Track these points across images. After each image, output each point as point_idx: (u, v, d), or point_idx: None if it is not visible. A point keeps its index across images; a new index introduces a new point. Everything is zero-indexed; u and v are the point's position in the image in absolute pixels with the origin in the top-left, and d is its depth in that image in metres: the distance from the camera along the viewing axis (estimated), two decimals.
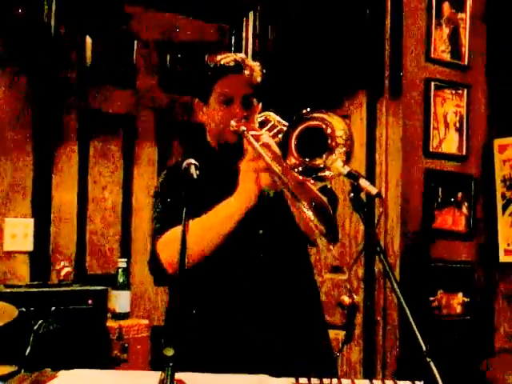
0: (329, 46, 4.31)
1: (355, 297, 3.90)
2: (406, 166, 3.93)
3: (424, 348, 1.47)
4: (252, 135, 2.08)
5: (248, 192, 2.02)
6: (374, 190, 1.63)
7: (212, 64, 2.31)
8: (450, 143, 4.11)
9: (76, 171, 4.01)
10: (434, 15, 4.07)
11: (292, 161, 1.87)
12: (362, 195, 1.69)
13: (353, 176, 1.68)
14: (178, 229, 2.01)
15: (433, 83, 4.03)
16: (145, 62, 4.32)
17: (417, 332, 1.49)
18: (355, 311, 3.96)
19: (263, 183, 2.00)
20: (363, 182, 1.65)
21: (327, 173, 1.84)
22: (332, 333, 4.08)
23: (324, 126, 1.86)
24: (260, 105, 2.32)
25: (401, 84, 3.96)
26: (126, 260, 3.75)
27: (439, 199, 4.03)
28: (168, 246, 2.09)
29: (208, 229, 2.05)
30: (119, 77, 4.20)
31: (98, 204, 4.11)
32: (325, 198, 2.03)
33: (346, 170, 1.71)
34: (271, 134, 2.15)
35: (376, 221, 1.83)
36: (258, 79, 2.30)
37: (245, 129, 2.13)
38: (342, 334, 4.10)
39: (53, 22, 3.77)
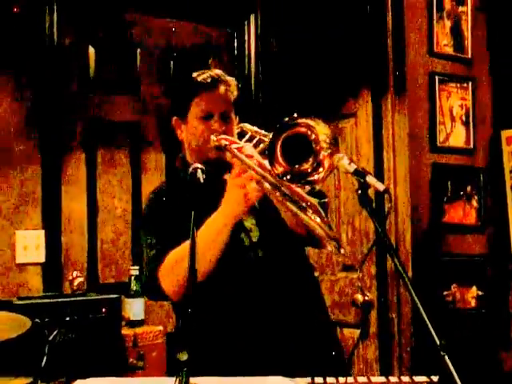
0: (331, 45, 4.31)
1: (368, 294, 3.89)
2: (413, 161, 3.92)
3: (438, 342, 1.47)
4: (235, 148, 2.11)
5: (236, 205, 2.05)
6: (381, 187, 1.63)
7: (189, 81, 2.33)
8: (457, 137, 4.09)
9: (84, 180, 4.01)
10: (435, 9, 4.05)
11: (279, 169, 1.90)
12: (371, 192, 1.68)
13: (359, 173, 1.68)
14: (178, 250, 2.07)
15: (437, 77, 4.02)
16: (148, 69, 4.32)
17: (431, 327, 1.49)
18: (369, 309, 3.95)
19: (253, 196, 2.03)
20: (370, 179, 1.65)
21: (316, 176, 1.87)
22: (347, 331, 4.12)
23: (308, 132, 1.89)
24: (237, 118, 2.35)
25: (405, 79, 3.95)
26: (138, 267, 3.75)
27: (448, 193, 4.02)
28: (171, 271, 2.09)
29: (205, 245, 2.01)
30: (123, 85, 4.20)
31: (107, 212, 4.11)
32: (315, 201, 2.05)
33: (352, 167, 1.71)
34: (251, 144, 2.17)
35: (385, 216, 1.83)
36: (235, 93, 2.33)
37: (227, 143, 2.15)
38: (356, 332, 4.10)
39: (55, 34, 3.79)
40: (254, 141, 2.21)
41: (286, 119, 1.91)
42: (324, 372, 1.73)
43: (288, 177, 1.90)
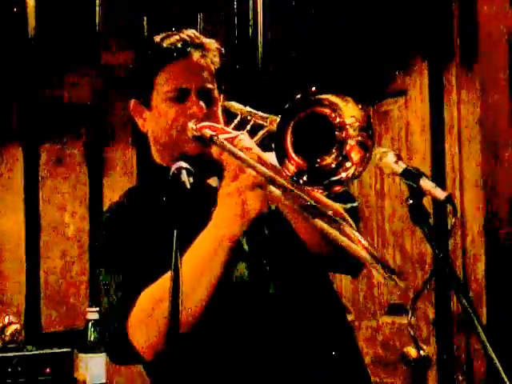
0: None
1: (424, 348, 3.88)
2: (488, 157, 3.90)
3: None
4: (225, 139, 2.07)
5: (231, 222, 2.01)
6: (441, 194, 1.62)
7: (151, 49, 2.34)
8: None
9: (22, 186, 4.03)
10: None
11: (291, 167, 1.89)
12: (428, 202, 1.68)
13: (411, 175, 1.67)
14: (153, 288, 2.05)
15: None
16: (113, 28, 4.32)
17: None
18: (426, 368, 3.94)
19: (254, 207, 1.98)
20: (426, 184, 1.64)
21: (343, 174, 1.88)
22: None
23: (331, 113, 1.88)
24: (222, 97, 2.35)
25: (476, 42, 3.94)
26: (98, 309, 3.74)
27: None
28: (146, 319, 2.06)
29: (190, 280, 1.97)
30: (77, 51, 4.21)
31: (55, 231, 4.11)
32: (339, 206, 2.04)
33: (400, 167, 1.70)
34: (246, 133, 2.15)
35: (448, 236, 1.83)
36: (217, 61, 2.34)
37: (212, 132, 2.13)
38: None
39: None
40: (248, 126, 2.20)
41: (300, 95, 1.90)
42: None
43: (305, 177, 1.89)
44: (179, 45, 2.29)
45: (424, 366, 3.94)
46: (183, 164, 1.83)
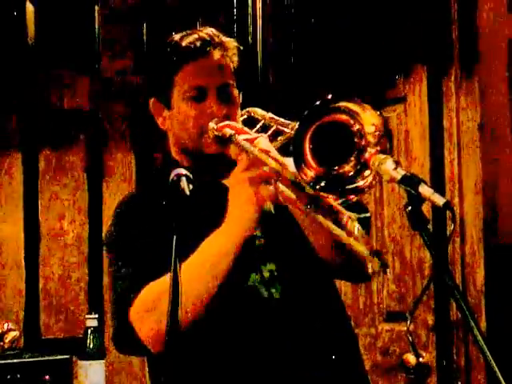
0: (372, 3, 4.31)
1: (424, 355, 3.87)
2: (488, 163, 3.89)
3: None
4: (245, 139, 2.08)
5: (244, 214, 2.02)
6: (440, 200, 1.61)
7: (170, 48, 2.33)
8: None
9: (21, 194, 4.02)
10: None
11: (309, 173, 1.88)
12: (427, 209, 1.67)
13: (410, 182, 1.66)
14: (158, 282, 2.06)
15: None
16: (111, 35, 4.32)
17: None
18: (425, 375, 3.93)
19: (266, 197, 1.99)
20: (425, 190, 1.63)
21: (361, 182, 1.86)
22: None
23: (350, 120, 1.88)
24: (241, 96, 2.35)
25: (475, 48, 3.93)
26: (97, 316, 3.73)
27: None
28: (148, 311, 2.08)
29: (198, 274, 2.04)
30: (76, 57, 4.20)
31: (54, 239, 4.11)
32: (352, 215, 2.04)
33: (399, 173, 1.69)
34: (266, 135, 2.15)
35: (447, 243, 1.82)
36: (235, 60, 2.34)
37: (233, 132, 2.13)
38: None
39: None
40: (270, 132, 2.20)
41: (319, 102, 1.90)
42: None
43: (322, 184, 1.89)
44: (198, 44, 2.28)
45: (423, 373, 3.93)
46: (182, 171, 1.83)
